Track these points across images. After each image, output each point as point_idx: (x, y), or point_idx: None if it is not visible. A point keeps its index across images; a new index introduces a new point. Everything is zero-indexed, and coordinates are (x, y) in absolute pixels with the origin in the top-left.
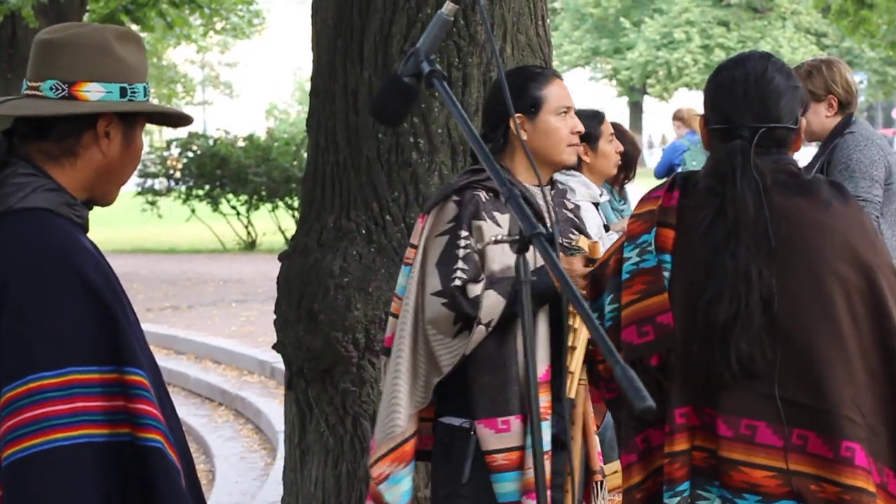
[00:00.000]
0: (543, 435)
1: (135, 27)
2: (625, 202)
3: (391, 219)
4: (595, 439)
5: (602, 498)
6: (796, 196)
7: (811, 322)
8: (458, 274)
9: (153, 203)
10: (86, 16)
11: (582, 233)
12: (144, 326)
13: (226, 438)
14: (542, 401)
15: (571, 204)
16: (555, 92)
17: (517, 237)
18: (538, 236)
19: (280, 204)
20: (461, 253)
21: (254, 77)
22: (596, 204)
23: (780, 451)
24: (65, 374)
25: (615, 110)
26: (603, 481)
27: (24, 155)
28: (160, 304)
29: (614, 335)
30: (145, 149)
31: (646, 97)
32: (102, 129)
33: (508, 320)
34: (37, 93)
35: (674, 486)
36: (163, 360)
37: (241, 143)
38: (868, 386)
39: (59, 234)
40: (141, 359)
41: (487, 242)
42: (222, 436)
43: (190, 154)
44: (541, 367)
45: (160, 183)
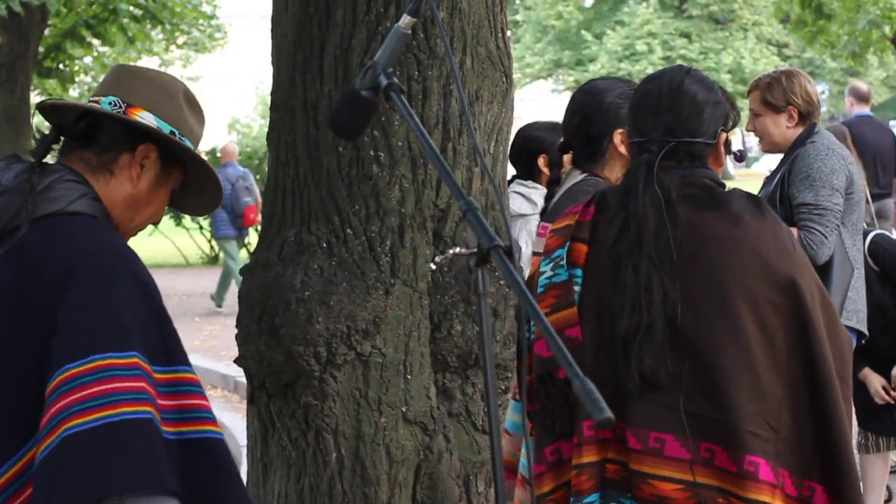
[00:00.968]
0: None
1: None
2: None
3: (352, 232)
4: None
5: None
6: (705, 210)
7: (715, 336)
8: None
9: None
10: (47, 30)
11: None
12: None
13: None
14: None
15: None
16: None
17: (475, 249)
18: (496, 249)
19: None
20: None
21: (216, 91)
22: None
23: (688, 465)
24: (130, 357)
25: None
26: None
27: (66, 160)
28: None
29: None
30: None
31: None
32: (140, 155)
33: None
34: (95, 105)
35: (581, 498)
36: None
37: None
38: (785, 399)
39: (116, 238)
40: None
41: (445, 256)
42: None
43: None
44: None
45: None
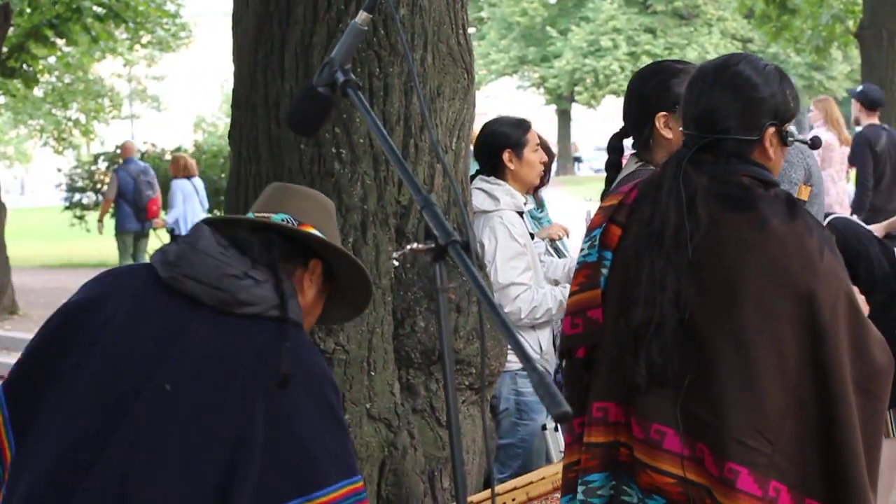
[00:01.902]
0: None
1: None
2: (542, 209)
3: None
4: None
5: None
6: (731, 211)
7: (718, 341)
8: None
9: (81, 217)
10: (10, 29)
11: None
12: None
13: None
14: None
15: None
16: None
17: (432, 245)
18: (454, 244)
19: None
20: None
21: (181, 90)
22: (520, 213)
23: (681, 460)
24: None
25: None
26: None
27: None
28: None
29: None
30: (72, 163)
31: (574, 105)
32: (312, 267)
33: None
34: (267, 220)
35: (584, 476)
36: None
37: (169, 157)
38: (791, 413)
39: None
40: None
41: (403, 251)
42: None
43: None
44: None
45: (88, 197)
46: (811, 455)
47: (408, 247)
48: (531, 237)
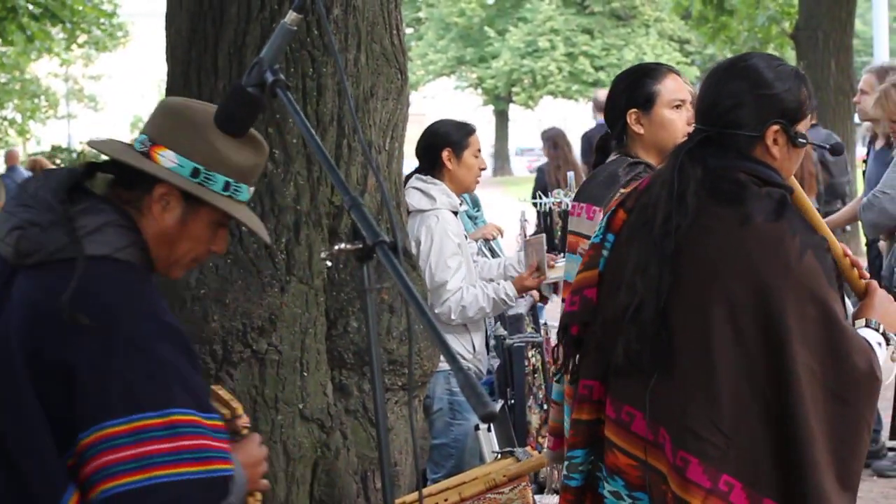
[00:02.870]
0: None
1: None
2: (478, 209)
3: (247, 230)
4: None
5: None
6: (719, 205)
7: (687, 331)
8: None
9: None
10: None
11: None
12: None
13: None
14: None
15: None
16: (669, 86)
17: (360, 245)
18: (381, 244)
19: None
20: None
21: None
22: (455, 213)
23: (644, 445)
24: (168, 415)
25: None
26: None
27: (108, 195)
28: None
29: None
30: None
31: (511, 105)
32: (158, 195)
33: None
34: (132, 142)
35: (569, 451)
36: None
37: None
38: (751, 410)
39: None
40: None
41: (332, 252)
42: None
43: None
44: None
45: None
46: (771, 456)
47: (337, 247)
48: (465, 237)
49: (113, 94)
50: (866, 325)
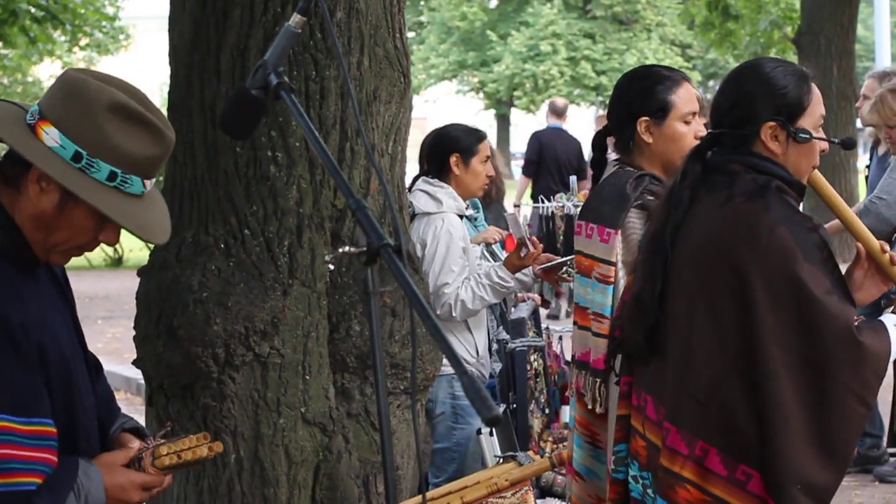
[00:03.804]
0: None
1: None
2: (478, 211)
3: (250, 233)
4: None
5: None
6: (710, 192)
7: (675, 310)
8: None
9: None
10: None
11: None
12: None
13: None
14: None
15: None
16: (683, 96)
17: (364, 248)
18: (386, 247)
19: None
20: None
21: None
22: (461, 217)
23: (643, 423)
24: None
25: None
26: None
27: None
28: None
29: None
30: None
31: (513, 110)
32: (34, 176)
33: None
34: (27, 111)
35: (615, 445)
36: None
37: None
38: (725, 381)
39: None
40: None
41: (335, 255)
42: None
43: None
44: None
45: None
46: (746, 423)
47: (341, 250)
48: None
49: None
50: (894, 311)
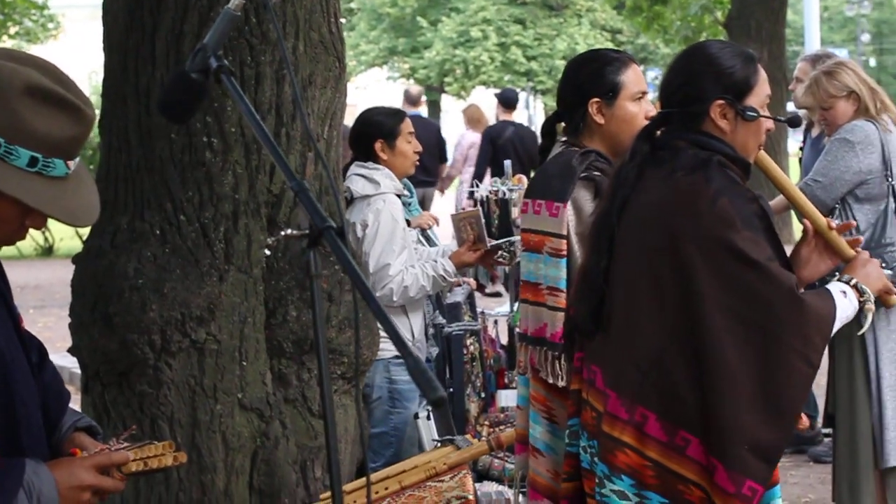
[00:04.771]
0: None
1: None
2: (412, 195)
3: (185, 219)
4: None
5: None
6: (655, 167)
7: (619, 283)
8: None
9: None
10: None
11: None
12: None
13: None
14: None
15: None
16: (632, 77)
17: (307, 231)
18: (328, 230)
19: None
20: None
21: None
22: (399, 196)
23: (600, 395)
24: None
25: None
26: None
27: None
28: None
29: None
30: None
31: (444, 96)
32: None
33: None
34: None
35: (570, 419)
36: None
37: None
38: (665, 348)
39: None
40: None
41: (277, 238)
42: None
43: None
44: None
45: None
46: (686, 390)
47: (283, 233)
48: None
49: None
50: (839, 280)
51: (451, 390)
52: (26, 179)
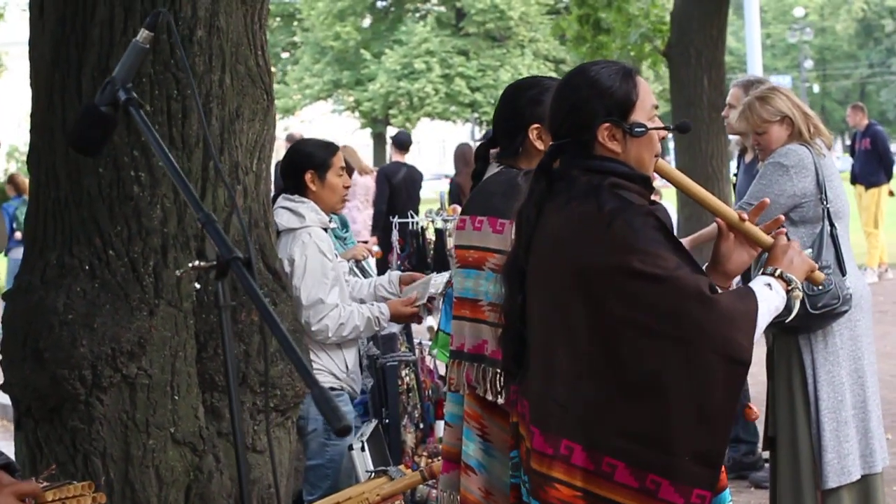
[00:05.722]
0: None
1: None
2: (346, 229)
3: (114, 253)
4: None
5: None
6: (553, 199)
7: (533, 321)
8: None
9: None
10: None
11: None
12: None
13: None
14: None
15: None
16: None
17: (214, 262)
18: (235, 261)
19: None
20: None
21: None
22: (325, 230)
23: (529, 433)
24: None
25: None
26: None
27: None
28: None
29: None
30: None
31: (389, 128)
32: None
33: None
34: None
35: (511, 451)
36: None
37: None
38: (582, 380)
39: None
40: None
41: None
42: None
43: None
44: None
45: None
46: (608, 416)
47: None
48: (336, 256)
49: None
50: (763, 273)
51: (388, 421)
52: None
